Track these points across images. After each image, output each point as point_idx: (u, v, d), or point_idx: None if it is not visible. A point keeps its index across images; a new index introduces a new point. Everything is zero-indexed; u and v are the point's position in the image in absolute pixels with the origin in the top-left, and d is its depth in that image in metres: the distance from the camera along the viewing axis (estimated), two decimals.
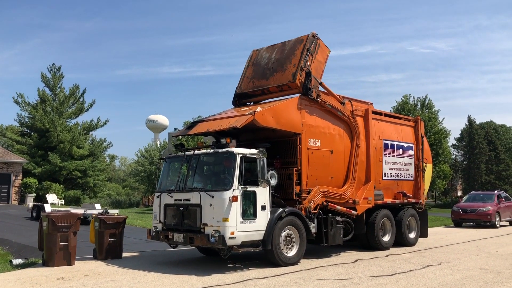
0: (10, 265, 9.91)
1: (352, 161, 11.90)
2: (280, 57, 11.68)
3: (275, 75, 11.50)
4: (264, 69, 11.94)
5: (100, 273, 9.13)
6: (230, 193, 9.07)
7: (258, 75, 12.03)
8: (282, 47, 11.85)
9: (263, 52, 12.31)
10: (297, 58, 11.14)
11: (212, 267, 9.82)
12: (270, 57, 11.95)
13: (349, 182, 11.80)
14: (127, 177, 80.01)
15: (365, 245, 12.77)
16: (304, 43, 11.23)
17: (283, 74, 11.27)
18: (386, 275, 8.99)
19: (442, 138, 43.47)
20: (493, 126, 69.79)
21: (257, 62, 12.28)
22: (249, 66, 12.50)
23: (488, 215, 21.42)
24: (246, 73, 12.46)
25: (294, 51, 11.38)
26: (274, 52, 11.96)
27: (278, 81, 11.34)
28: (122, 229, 11.16)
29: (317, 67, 11.43)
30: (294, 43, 11.58)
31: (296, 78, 10.86)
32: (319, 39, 11.49)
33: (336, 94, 11.87)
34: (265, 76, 11.78)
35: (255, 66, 12.28)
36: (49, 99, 44.37)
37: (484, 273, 9.36)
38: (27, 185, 38.99)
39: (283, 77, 11.23)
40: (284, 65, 11.40)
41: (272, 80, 11.52)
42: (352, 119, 12.03)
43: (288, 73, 11.15)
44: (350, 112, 12.01)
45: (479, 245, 14.24)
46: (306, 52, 11.07)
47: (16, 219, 23.93)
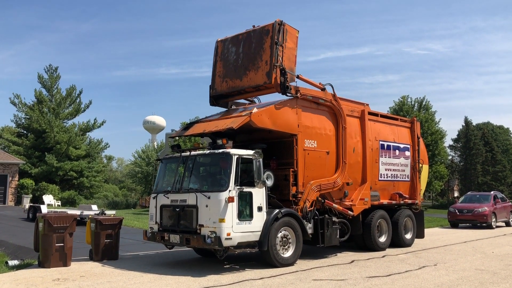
0: (5, 266, 9.88)
1: (340, 144, 11.74)
2: (248, 51, 11.05)
3: (248, 74, 10.97)
4: (235, 67, 11.38)
5: (96, 274, 9.11)
6: (226, 194, 9.07)
7: (230, 74, 11.49)
8: (248, 39, 11.15)
9: (229, 45, 11.62)
10: (268, 54, 10.53)
11: (208, 268, 9.82)
12: (238, 51, 11.29)
13: (340, 168, 11.66)
14: (124, 178, 79.83)
15: (362, 246, 12.79)
16: (271, 35, 10.54)
17: (257, 74, 10.77)
18: (382, 276, 9.00)
19: (439, 139, 43.57)
20: (490, 127, 70.00)
21: (225, 58, 11.65)
22: (217, 61, 11.87)
23: (484, 216, 21.48)
24: (216, 70, 11.86)
25: (262, 45, 10.73)
26: (240, 45, 11.28)
27: (253, 81, 10.88)
28: (118, 230, 11.14)
29: (289, 56, 10.83)
30: (260, 34, 10.85)
31: (271, 78, 10.38)
32: (285, 24, 10.70)
33: (316, 82, 11.58)
34: (238, 75, 11.25)
35: (224, 62, 11.68)
36: (45, 100, 44.25)
37: (480, 273, 9.38)
38: (23, 186, 38.85)
39: (257, 77, 10.76)
40: (255, 62, 10.85)
41: (246, 80, 11.04)
42: (335, 102, 11.77)
43: (262, 72, 10.65)
44: (332, 96, 11.73)
45: (475, 246, 14.28)
46: (275, 45, 10.42)
47: (12, 220, 23.86)
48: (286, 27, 10.70)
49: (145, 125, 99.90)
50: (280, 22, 10.60)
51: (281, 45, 10.51)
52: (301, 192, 10.63)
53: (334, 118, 11.88)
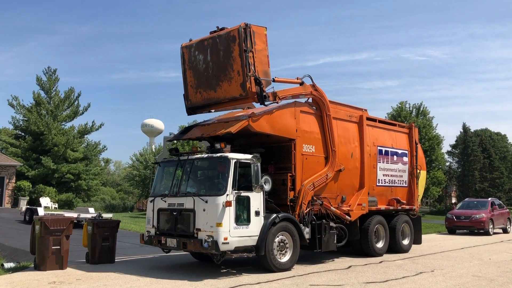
0: (1, 269, 9.85)
1: (327, 133, 11.53)
2: (217, 60, 10.49)
3: (221, 85, 10.46)
4: (206, 77, 10.81)
5: (92, 277, 9.08)
6: (224, 198, 9.06)
7: (203, 85, 10.94)
8: (215, 45, 10.51)
9: (195, 52, 10.97)
10: (238, 63, 9.99)
11: (205, 272, 9.79)
12: (206, 59, 10.70)
13: (330, 159, 11.51)
14: (122, 181, 79.74)
15: (359, 252, 12.77)
16: (238, 42, 9.94)
17: (231, 85, 10.26)
18: (379, 282, 8.99)
19: (436, 145, 43.66)
20: (488, 133, 70.22)
21: (194, 66, 11.07)
22: (186, 70, 11.28)
23: (481, 223, 21.49)
24: (187, 80, 11.29)
25: (231, 53, 10.15)
26: (208, 52, 10.68)
27: (228, 93, 10.42)
28: (115, 233, 11.12)
29: (261, 59, 10.20)
30: (226, 40, 10.24)
31: (247, 90, 9.90)
32: (251, 26, 10.03)
33: (293, 79, 11.16)
34: (212, 86, 10.71)
35: (194, 71, 11.11)
36: (44, 102, 44.21)
37: (477, 280, 9.38)
38: (20, 188, 38.75)
39: (232, 88, 10.26)
40: (226, 72, 10.31)
41: (221, 92, 10.56)
42: (316, 92, 11.41)
43: (236, 83, 10.12)
44: (311, 86, 11.34)
45: (472, 252, 14.28)
46: (244, 53, 9.87)
47: (9, 222, 23.77)
48: (252, 29, 10.08)
49: (143, 128, 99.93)
50: (245, 26, 9.96)
51: (251, 51, 9.94)
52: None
53: (317, 106, 11.57)
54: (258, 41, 10.16)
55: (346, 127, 12.37)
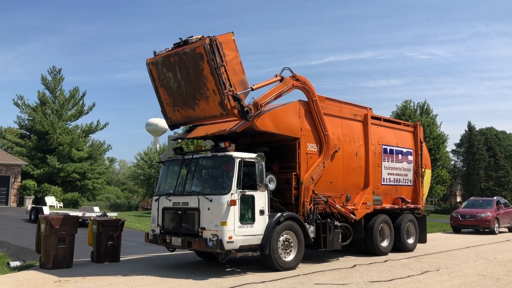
0: (7, 268, 9.91)
1: (316, 119, 11.11)
2: (188, 78, 9.78)
3: (199, 103, 9.90)
4: (181, 95, 10.21)
5: (97, 276, 9.11)
6: (229, 197, 9.06)
7: (179, 103, 10.38)
8: (182, 63, 9.74)
9: (163, 69, 10.21)
10: (212, 82, 9.32)
11: (209, 271, 9.80)
12: (177, 77, 10.00)
13: (323, 145, 11.20)
14: (126, 180, 79.93)
15: (364, 251, 12.75)
16: (206, 59, 9.19)
17: (209, 104, 9.70)
18: (384, 281, 8.97)
19: (440, 143, 43.51)
20: (493, 132, 69.88)
21: (165, 84, 10.36)
22: (158, 87, 10.59)
23: (487, 221, 21.41)
24: (161, 98, 10.66)
25: (201, 72, 9.44)
26: (176, 70, 9.93)
27: (208, 112, 9.89)
28: (120, 232, 11.15)
29: (234, 68, 9.60)
30: (194, 58, 9.43)
31: (227, 109, 9.40)
32: (216, 39, 9.27)
33: (271, 79, 10.49)
34: (189, 104, 10.17)
35: (166, 89, 10.43)
36: (49, 102, 44.41)
37: (483, 279, 9.34)
38: (26, 188, 38.95)
39: (211, 107, 9.71)
40: (201, 91, 9.68)
41: (200, 111, 10.02)
42: (297, 81, 10.78)
43: (214, 102, 9.55)
44: (292, 78, 10.72)
45: (477, 251, 14.22)
46: (215, 71, 9.18)
47: (15, 221, 23.89)
48: (218, 41, 9.29)
49: (147, 128, 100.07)
50: (210, 41, 9.15)
51: (222, 65, 9.27)
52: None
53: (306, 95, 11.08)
54: (227, 51, 9.46)
55: (350, 125, 12.34)
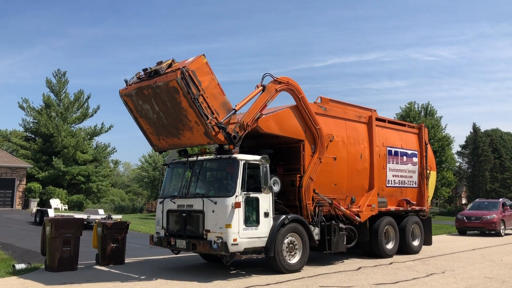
0: (13, 270, 9.92)
1: (305, 115, 10.75)
2: (167, 111, 9.43)
3: (183, 133, 9.59)
4: (163, 126, 9.89)
5: (102, 278, 9.12)
6: (233, 200, 9.06)
7: (163, 133, 10.09)
8: (157, 96, 9.31)
9: (138, 101, 9.83)
10: (192, 113, 8.94)
11: (214, 273, 9.79)
12: (154, 109, 9.64)
13: (316, 141, 10.88)
14: (131, 183, 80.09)
15: (369, 253, 12.71)
16: (182, 93, 8.75)
17: (193, 134, 9.40)
18: (389, 283, 8.93)
19: (446, 145, 43.36)
20: (498, 133, 69.58)
21: (144, 115, 10.04)
22: (137, 118, 10.29)
23: (492, 223, 21.29)
24: (143, 128, 10.40)
25: (179, 105, 9.04)
26: (152, 102, 9.53)
27: (195, 141, 9.63)
28: (125, 234, 11.16)
29: (213, 93, 9.16)
30: (168, 92, 9.00)
31: (213, 139, 9.16)
32: (188, 69, 8.77)
33: (253, 92, 9.97)
34: (172, 134, 9.88)
35: (146, 120, 10.11)
36: (53, 104, 44.59)
37: (489, 281, 9.28)
38: (31, 190, 39.09)
39: (196, 137, 9.43)
40: (184, 122, 9.35)
41: (186, 139, 9.75)
42: (279, 85, 10.23)
43: (198, 133, 9.25)
44: (274, 83, 10.19)
45: (483, 254, 14.14)
46: (194, 103, 8.74)
47: (20, 223, 23.97)
48: (190, 70, 8.79)
49: None
50: (182, 74, 8.65)
51: (201, 94, 8.89)
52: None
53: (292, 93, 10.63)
54: (202, 78, 9.00)
55: (355, 127, 12.32)
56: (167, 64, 9.30)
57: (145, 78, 9.50)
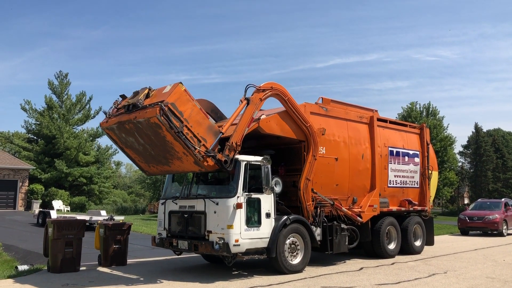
0: (15, 271, 9.95)
1: (295, 117, 10.45)
2: (152, 143, 9.16)
3: (173, 162, 9.34)
4: (150, 156, 9.69)
5: (104, 279, 9.14)
6: (235, 200, 9.07)
7: (152, 161, 9.88)
8: (139, 130, 9.00)
9: (122, 134, 9.56)
10: (179, 145, 8.67)
11: (216, 274, 9.81)
12: (139, 141, 9.35)
13: (308, 139, 10.64)
14: (133, 184, 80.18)
15: (371, 253, 12.70)
16: (165, 128, 8.41)
17: (183, 163, 9.13)
18: (392, 284, 8.93)
19: (448, 145, 43.28)
20: (500, 133, 69.41)
21: (130, 146, 9.77)
22: (124, 149, 10.07)
23: (495, 223, 21.25)
24: (132, 157, 10.19)
25: (163, 138, 8.73)
26: (136, 136, 9.25)
27: (187, 168, 9.38)
28: (127, 235, 11.18)
29: (197, 120, 8.84)
30: (150, 127, 8.66)
31: (204, 167, 8.89)
32: (167, 103, 8.39)
33: (238, 109, 9.67)
34: (162, 162, 9.65)
35: (133, 150, 9.87)
36: (56, 106, 44.69)
37: (491, 282, 9.28)
38: (33, 192, 39.17)
39: (187, 165, 9.14)
40: (172, 153, 9.08)
41: (176, 167, 9.50)
42: (262, 93, 9.84)
43: (188, 162, 8.98)
44: (257, 93, 9.77)
45: (485, 254, 14.12)
46: (178, 136, 8.45)
47: (22, 225, 24.03)
48: (170, 105, 8.44)
49: None
50: (162, 110, 8.27)
51: (185, 125, 8.59)
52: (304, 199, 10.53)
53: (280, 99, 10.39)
54: (183, 107, 8.66)
55: (356, 128, 12.33)
56: (144, 95, 8.98)
57: (124, 111, 9.15)
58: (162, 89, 8.99)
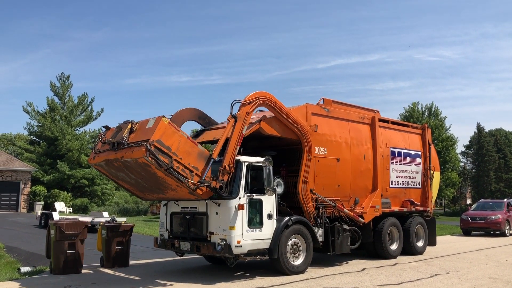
0: (18, 273, 9.97)
1: (286, 121, 10.27)
2: (143, 178, 9.05)
3: (167, 191, 9.25)
4: (144, 187, 9.68)
5: (107, 281, 9.16)
6: (237, 202, 9.07)
7: (146, 190, 9.85)
8: (128, 167, 8.90)
9: (111, 169, 9.45)
10: (171, 180, 8.53)
11: (218, 275, 9.81)
12: (130, 176, 9.28)
13: (301, 139, 10.50)
14: None
15: (373, 254, 12.69)
16: (155, 166, 8.21)
17: (178, 193, 9.11)
18: (394, 284, 8.93)
19: (450, 146, 43.22)
20: (503, 133, 69.26)
21: (122, 179, 9.70)
22: (115, 180, 10.13)
23: (497, 224, 21.19)
24: (125, 186, 10.21)
25: (154, 174, 8.58)
26: (126, 172, 9.14)
27: (182, 197, 9.39)
28: (129, 237, 11.19)
29: (187, 150, 8.64)
30: (139, 165, 8.52)
31: (199, 195, 8.79)
32: (153, 143, 8.14)
33: (227, 129, 9.40)
34: (156, 192, 9.63)
35: (125, 182, 9.85)
36: (58, 108, 44.75)
37: (493, 282, 9.26)
38: (35, 193, 39.23)
39: (181, 195, 9.17)
40: (165, 186, 8.99)
41: (172, 196, 9.54)
42: (249, 105, 9.62)
43: (183, 192, 8.92)
44: (243, 107, 9.54)
45: (488, 254, 14.09)
46: (169, 172, 8.28)
47: (25, 227, 24.07)
48: (155, 141, 8.21)
49: None
50: (148, 151, 8.04)
51: (174, 159, 8.40)
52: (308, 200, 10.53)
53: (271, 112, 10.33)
54: (169, 142, 8.42)
55: (358, 128, 12.32)
56: (128, 131, 8.75)
57: (109, 148, 8.98)
58: (146, 122, 8.74)
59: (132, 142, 8.56)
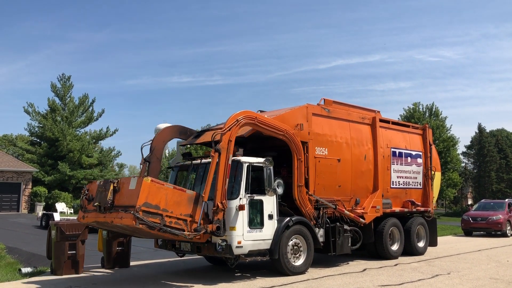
0: (19, 274, 9.98)
1: (269, 130, 10.00)
2: (142, 232, 8.67)
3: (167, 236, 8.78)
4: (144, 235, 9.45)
5: (107, 282, 9.16)
6: (237, 202, 9.07)
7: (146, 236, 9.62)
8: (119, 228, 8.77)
9: (104, 227, 9.47)
10: (169, 235, 8.41)
11: (219, 276, 9.81)
12: (126, 232, 9.35)
13: (289, 142, 10.33)
14: None
15: (373, 254, 12.68)
16: (146, 228, 7.96)
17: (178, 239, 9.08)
18: (395, 285, 8.92)
19: (451, 146, 43.19)
20: (504, 134, 69.21)
21: (116, 231, 9.76)
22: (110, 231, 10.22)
23: (498, 224, 21.18)
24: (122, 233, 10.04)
25: (149, 233, 8.56)
26: (120, 229, 9.05)
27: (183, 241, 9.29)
28: (130, 238, 11.18)
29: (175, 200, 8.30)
30: (129, 227, 8.18)
31: (198, 241, 8.76)
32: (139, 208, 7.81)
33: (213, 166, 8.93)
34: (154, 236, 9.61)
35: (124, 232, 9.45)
36: (58, 109, 44.78)
37: (495, 282, 9.25)
38: (36, 194, 39.26)
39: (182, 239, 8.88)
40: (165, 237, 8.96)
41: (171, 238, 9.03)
42: (232, 129, 9.25)
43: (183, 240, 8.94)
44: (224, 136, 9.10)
45: (489, 254, 14.08)
46: (162, 230, 8.08)
47: (26, 227, 24.08)
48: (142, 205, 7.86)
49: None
50: (136, 218, 7.71)
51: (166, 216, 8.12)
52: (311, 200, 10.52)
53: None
54: (156, 200, 8.04)
55: (359, 129, 12.32)
56: (111, 192, 8.30)
57: (97, 210, 8.56)
58: (127, 182, 8.33)
59: (118, 206, 8.16)
